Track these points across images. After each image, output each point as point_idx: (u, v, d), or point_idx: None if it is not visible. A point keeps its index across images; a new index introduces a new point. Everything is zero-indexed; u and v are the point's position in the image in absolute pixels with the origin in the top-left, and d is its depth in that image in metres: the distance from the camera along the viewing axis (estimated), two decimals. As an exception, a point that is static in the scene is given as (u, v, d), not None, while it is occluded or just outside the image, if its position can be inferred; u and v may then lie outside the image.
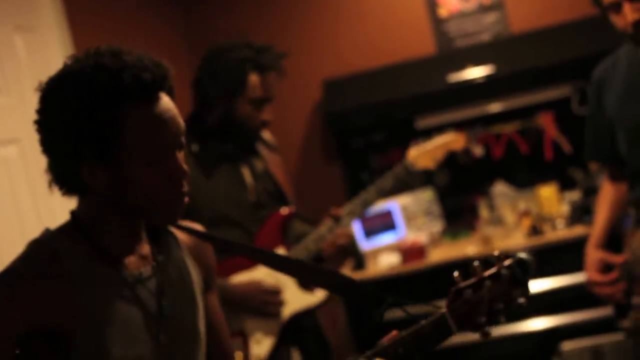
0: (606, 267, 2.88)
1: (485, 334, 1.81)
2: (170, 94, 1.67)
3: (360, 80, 5.11)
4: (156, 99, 1.62)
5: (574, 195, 4.73)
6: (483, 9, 5.08)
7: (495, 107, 4.96)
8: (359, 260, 4.72)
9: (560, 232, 4.47)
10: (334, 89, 5.11)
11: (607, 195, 3.02)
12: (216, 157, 3.19)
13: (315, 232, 3.22)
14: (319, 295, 3.21)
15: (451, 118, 4.91)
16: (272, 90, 3.18)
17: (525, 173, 5.08)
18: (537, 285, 4.31)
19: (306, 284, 3.16)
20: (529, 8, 5.05)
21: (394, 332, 1.82)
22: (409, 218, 4.99)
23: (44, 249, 1.65)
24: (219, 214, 3.13)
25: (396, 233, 4.96)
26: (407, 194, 4.99)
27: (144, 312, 1.70)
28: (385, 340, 1.82)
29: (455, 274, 1.81)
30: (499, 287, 1.80)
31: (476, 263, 1.81)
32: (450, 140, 3.50)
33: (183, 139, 1.67)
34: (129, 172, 1.61)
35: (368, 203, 3.29)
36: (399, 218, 4.97)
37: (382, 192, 3.30)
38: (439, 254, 4.64)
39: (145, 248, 1.76)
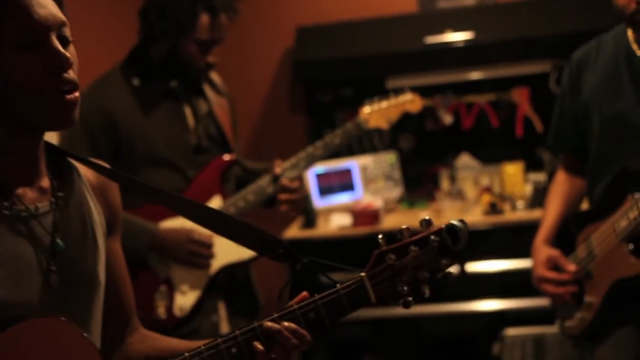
0: (555, 266, 2.70)
1: (407, 305, 1.63)
2: None
3: (335, 31, 4.91)
4: None
5: (540, 176, 4.59)
6: (471, -28, 4.90)
7: (470, 76, 4.80)
8: (310, 218, 4.56)
9: (519, 213, 4.34)
10: (307, 37, 4.90)
11: (562, 187, 2.87)
12: (158, 94, 3.03)
13: (255, 184, 3.08)
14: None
15: (424, 81, 4.73)
16: (221, 33, 3.02)
17: (493, 148, 4.95)
18: (489, 266, 4.19)
19: None
20: (518, -24, 4.86)
21: (305, 293, 1.65)
22: (368, 180, 4.83)
23: None
24: (155, 153, 2.99)
25: (353, 194, 4.79)
26: (369, 154, 4.84)
27: (36, 251, 1.52)
28: (295, 302, 1.65)
29: (380, 237, 1.63)
30: (426, 255, 1.63)
31: (404, 227, 1.65)
32: (406, 101, 3.34)
33: (65, 32, 1.50)
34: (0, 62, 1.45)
35: (314, 158, 3.16)
36: (357, 179, 4.80)
37: (329, 148, 3.17)
38: (392, 221, 4.48)
39: (45, 181, 1.58)
